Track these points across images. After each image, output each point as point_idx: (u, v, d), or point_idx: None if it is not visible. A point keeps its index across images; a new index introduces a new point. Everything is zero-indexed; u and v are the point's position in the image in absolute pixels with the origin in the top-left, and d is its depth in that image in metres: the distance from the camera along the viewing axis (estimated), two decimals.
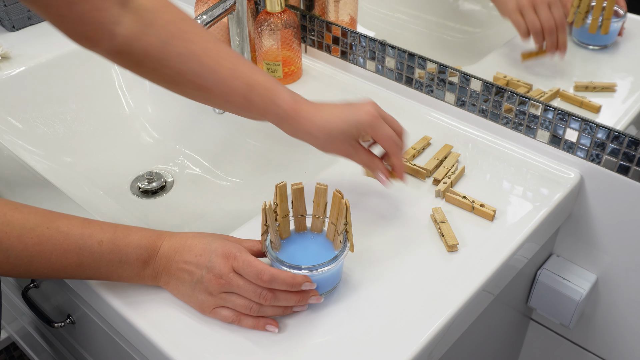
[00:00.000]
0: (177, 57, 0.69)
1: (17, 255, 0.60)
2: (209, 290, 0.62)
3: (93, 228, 0.63)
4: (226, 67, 0.71)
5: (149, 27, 0.68)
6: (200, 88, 0.71)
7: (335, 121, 0.70)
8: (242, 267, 0.61)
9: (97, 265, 0.62)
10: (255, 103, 0.71)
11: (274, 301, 0.62)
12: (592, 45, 0.83)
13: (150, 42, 0.69)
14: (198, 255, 0.63)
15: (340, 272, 0.67)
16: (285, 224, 0.67)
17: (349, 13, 1.01)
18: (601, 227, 0.86)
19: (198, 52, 0.70)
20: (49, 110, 1.06)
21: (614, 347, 0.95)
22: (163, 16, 0.70)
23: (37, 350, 1.25)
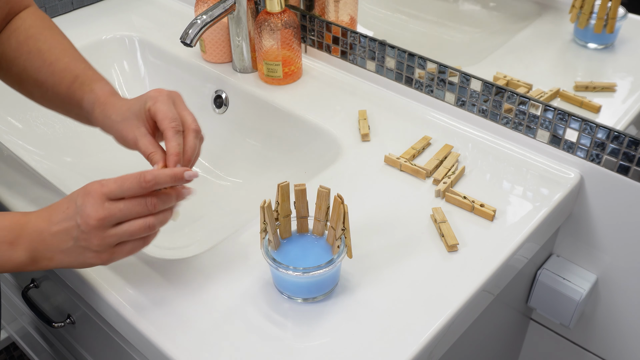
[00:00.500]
0: (25, 54, 0.72)
1: None
2: (94, 235, 0.57)
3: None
4: (63, 61, 0.72)
5: (14, 31, 0.72)
6: (37, 82, 0.72)
7: (130, 101, 0.67)
8: (117, 186, 0.57)
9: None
10: (75, 91, 0.70)
11: (161, 205, 0.58)
12: (594, 44, 0.83)
13: (9, 44, 0.72)
14: (64, 209, 0.58)
15: (338, 275, 0.67)
16: (286, 224, 0.67)
17: (349, 13, 1.01)
18: (601, 227, 0.86)
19: (43, 49, 0.72)
20: (49, 110, 1.06)
21: (614, 347, 0.95)
22: (29, 22, 0.73)
23: (37, 350, 1.25)
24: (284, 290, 0.66)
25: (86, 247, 0.58)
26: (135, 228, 0.58)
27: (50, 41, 0.73)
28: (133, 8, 1.24)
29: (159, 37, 1.14)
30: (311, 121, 0.93)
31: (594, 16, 0.79)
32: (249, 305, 0.65)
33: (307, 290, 0.65)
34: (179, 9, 1.23)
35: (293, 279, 0.64)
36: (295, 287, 0.65)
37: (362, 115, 0.91)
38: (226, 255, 0.71)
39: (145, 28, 1.17)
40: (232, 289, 0.67)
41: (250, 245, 0.72)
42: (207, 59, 1.08)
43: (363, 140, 0.88)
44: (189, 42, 0.90)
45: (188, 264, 0.70)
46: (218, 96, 1.04)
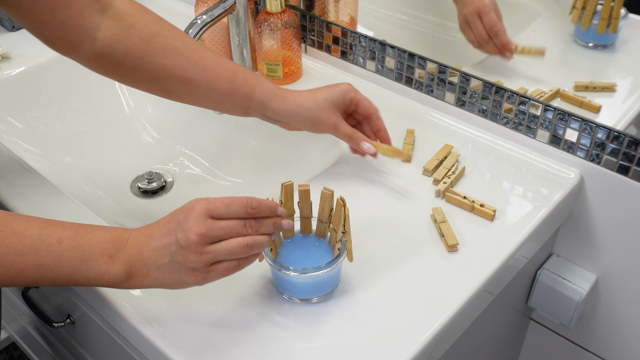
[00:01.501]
0: (160, 52, 0.72)
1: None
2: (192, 251, 0.56)
3: (53, 227, 0.59)
4: (209, 58, 0.74)
5: (130, 28, 0.71)
6: (184, 80, 0.73)
7: (320, 93, 0.76)
8: (223, 206, 0.57)
9: (57, 265, 0.57)
10: (240, 86, 0.74)
11: (259, 228, 0.59)
12: (595, 44, 0.83)
13: (133, 42, 0.71)
14: (166, 223, 0.58)
15: (338, 276, 0.67)
16: None
17: (349, 13, 1.01)
18: (601, 227, 0.86)
19: (180, 47, 0.73)
20: (49, 110, 1.06)
21: (614, 347, 0.95)
22: (142, 17, 0.73)
23: (37, 350, 1.25)
24: (284, 291, 0.66)
25: (182, 264, 0.57)
26: (234, 246, 0.57)
27: (180, 38, 0.74)
28: None
29: None
30: None
31: (596, 16, 0.79)
32: (250, 306, 0.65)
33: (306, 291, 0.65)
34: (179, 9, 1.23)
35: (293, 280, 0.64)
36: (295, 288, 0.65)
37: None
38: None
39: None
40: (233, 289, 0.67)
41: None
42: None
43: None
44: None
45: None
46: None
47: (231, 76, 0.74)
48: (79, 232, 0.59)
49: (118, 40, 0.71)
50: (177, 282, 0.59)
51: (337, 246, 0.64)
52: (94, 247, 0.58)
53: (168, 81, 0.73)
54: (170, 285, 0.59)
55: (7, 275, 0.57)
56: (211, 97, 0.75)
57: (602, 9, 0.78)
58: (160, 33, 0.73)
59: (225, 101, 0.75)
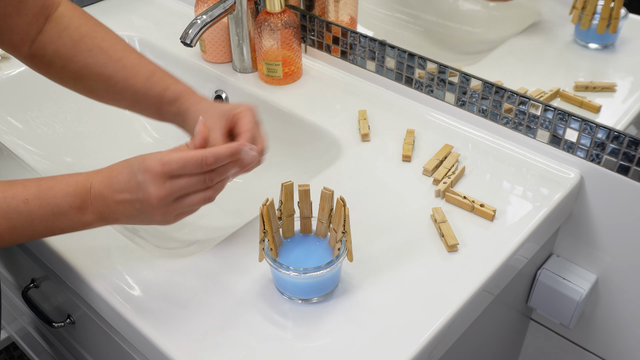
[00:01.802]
0: (86, 52, 0.75)
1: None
2: (156, 210, 0.61)
3: (16, 189, 0.61)
4: (132, 57, 0.77)
5: (64, 30, 0.75)
6: (103, 77, 0.76)
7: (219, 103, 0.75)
8: (179, 167, 0.59)
9: (31, 224, 0.61)
10: (156, 83, 0.76)
11: (218, 177, 0.62)
12: (595, 44, 0.83)
13: (63, 43, 0.75)
14: (126, 181, 0.61)
15: (338, 277, 0.67)
16: (289, 223, 0.67)
17: (349, 13, 1.01)
18: (601, 227, 0.86)
19: (105, 47, 0.76)
20: (49, 110, 1.06)
21: (614, 347, 0.95)
22: (77, 20, 0.76)
23: (37, 350, 1.25)
24: (284, 291, 0.66)
25: (149, 216, 0.62)
26: (196, 201, 0.61)
27: (108, 39, 0.77)
28: (133, 8, 1.24)
29: (159, 37, 1.14)
30: (311, 121, 0.93)
31: (597, 17, 0.79)
32: (250, 306, 0.65)
33: (307, 291, 0.65)
34: (179, 9, 1.23)
35: (293, 280, 0.64)
36: (295, 288, 0.65)
37: (362, 115, 0.91)
38: (227, 255, 0.71)
39: (145, 28, 1.17)
40: (233, 290, 0.67)
41: (251, 246, 0.72)
42: (207, 59, 1.08)
43: (363, 140, 0.88)
44: (189, 42, 0.90)
45: (188, 264, 0.70)
46: (218, 96, 1.04)
47: (149, 74, 0.76)
48: (41, 189, 0.61)
49: (50, 41, 0.75)
50: (147, 224, 0.65)
51: (337, 246, 0.64)
52: (60, 202, 0.61)
53: (89, 79, 0.77)
54: (141, 224, 0.66)
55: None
56: (127, 93, 0.77)
57: (602, 9, 0.78)
58: (89, 34, 0.76)
59: (140, 99, 0.77)
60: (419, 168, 0.83)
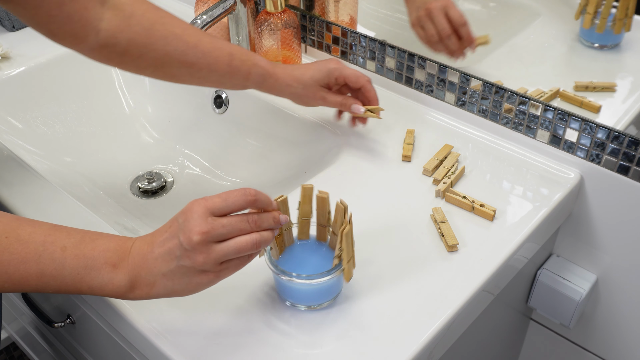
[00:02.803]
0: (162, 39, 0.75)
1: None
2: (198, 252, 0.54)
3: (58, 234, 0.58)
4: (206, 41, 0.78)
5: (130, 18, 0.74)
6: (186, 64, 0.77)
7: (307, 72, 0.83)
8: (221, 200, 0.56)
9: (60, 274, 0.57)
10: (238, 67, 0.79)
11: (262, 223, 0.57)
12: (600, 44, 0.82)
13: (135, 31, 0.74)
14: (167, 229, 0.57)
15: (341, 283, 0.66)
16: (304, 226, 0.66)
17: (349, 13, 1.01)
18: (601, 227, 0.86)
19: (179, 33, 0.76)
20: (49, 110, 1.06)
21: (614, 347, 0.95)
22: (140, 6, 0.75)
23: (37, 350, 1.25)
24: (287, 298, 0.66)
25: (190, 268, 0.55)
26: (242, 244, 0.56)
27: (178, 24, 0.77)
28: None
29: None
30: (311, 121, 0.93)
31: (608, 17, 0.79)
32: (251, 312, 0.65)
33: (309, 298, 0.64)
34: (179, 9, 1.23)
35: (294, 286, 0.63)
36: (298, 294, 0.65)
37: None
38: None
39: None
40: (235, 294, 0.67)
41: None
42: None
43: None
44: None
45: None
46: (218, 96, 1.04)
47: (229, 59, 0.79)
48: (84, 240, 0.58)
49: (120, 30, 0.73)
50: (187, 286, 0.57)
51: (337, 253, 0.63)
52: (97, 256, 0.57)
53: (171, 66, 0.77)
54: (180, 291, 0.57)
55: (10, 282, 0.57)
56: (212, 78, 0.80)
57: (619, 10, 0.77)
58: (158, 20, 0.75)
59: (225, 81, 0.81)
60: (419, 168, 0.83)
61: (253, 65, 0.80)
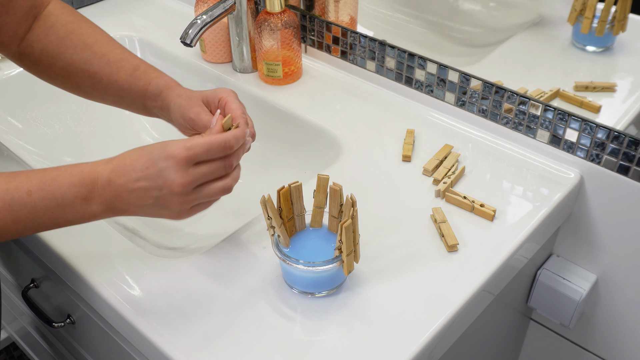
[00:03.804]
0: (72, 49, 0.75)
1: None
2: (176, 199, 0.59)
3: (19, 180, 0.59)
4: (116, 53, 0.76)
5: (51, 28, 0.75)
6: (89, 73, 0.76)
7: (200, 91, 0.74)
8: (204, 151, 0.59)
9: (35, 216, 0.59)
10: (139, 78, 0.76)
11: (235, 161, 0.63)
12: (593, 47, 0.83)
13: (49, 40, 0.75)
14: (144, 168, 0.59)
15: (342, 275, 0.67)
16: (317, 215, 0.68)
17: (349, 13, 1.01)
18: (601, 227, 0.86)
19: (90, 43, 0.76)
20: (49, 110, 1.06)
21: (614, 347, 0.95)
22: (65, 17, 0.76)
23: (37, 350, 1.25)
24: (289, 282, 0.67)
25: (165, 207, 0.60)
26: (216, 190, 0.61)
27: (93, 35, 0.77)
28: (133, 8, 1.24)
29: (159, 37, 1.14)
30: (311, 121, 0.93)
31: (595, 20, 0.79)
32: (252, 303, 0.65)
33: (308, 284, 0.66)
34: (179, 9, 1.23)
35: (295, 272, 0.64)
36: (298, 280, 0.66)
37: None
38: (228, 255, 0.71)
39: (145, 28, 1.17)
40: (234, 289, 0.67)
41: (251, 246, 0.72)
42: (207, 59, 1.08)
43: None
44: (189, 42, 0.90)
45: (189, 264, 0.70)
46: None
47: (132, 69, 0.76)
48: (45, 180, 0.60)
49: (38, 39, 0.75)
50: (157, 217, 0.62)
51: (337, 245, 0.64)
52: (65, 193, 0.59)
53: (76, 75, 0.77)
54: (150, 217, 0.62)
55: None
56: (112, 89, 0.77)
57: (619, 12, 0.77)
58: (76, 31, 0.76)
59: (125, 95, 0.77)
60: (419, 168, 0.83)
61: (157, 77, 0.76)
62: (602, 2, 0.77)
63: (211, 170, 0.60)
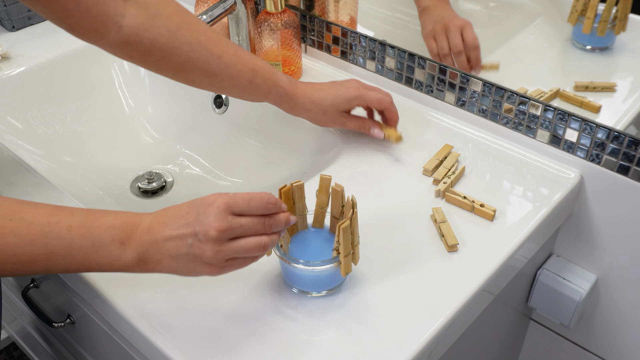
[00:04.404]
0: (186, 45, 0.74)
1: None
2: (210, 246, 0.57)
3: (62, 214, 0.59)
4: (230, 53, 0.77)
5: (155, 18, 0.73)
6: (208, 74, 0.77)
7: (327, 98, 0.82)
8: (245, 202, 0.57)
9: (69, 253, 0.58)
10: (259, 85, 0.79)
11: (275, 227, 0.60)
12: (592, 46, 0.83)
13: (159, 32, 0.73)
14: (184, 214, 0.58)
15: (341, 276, 0.67)
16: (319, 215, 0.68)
17: (349, 13, 1.01)
18: (601, 227, 0.86)
19: (204, 41, 0.75)
20: (49, 110, 1.06)
21: (614, 347, 0.95)
22: (166, 8, 0.74)
23: (37, 350, 1.25)
24: (287, 281, 0.67)
25: (198, 257, 0.57)
26: (251, 245, 0.58)
27: (203, 31, 0.77)
28: None
29: None
30: None
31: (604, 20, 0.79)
32: (251, 302, 0.65)
33: (307, 284, 0.66)
34: None
35: (293, 270, 0.64)
36: (296, 279, 0.66)
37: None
38: None
39: None
40: (236, 287, 0.67)
41: None
42: None
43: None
44: None
45: None
46: (218, 96, 1.04)
47: (251, 75, 0.78)
48: (88, 219, 0.59)
49: (144, 29, 0.72)
50: (189, 272, 0.59)
51: (335, 246, 0.64)
52: (104, 234, 0.58)
53: (193, 73, 0.77)
54: (182, 273, 0.60)
55: (19, 264, 0.57)
56: (232, 91, 0.80)
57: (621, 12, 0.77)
58: (184, 25, 0.75)
59: (245, 95, 0.81)
60: (419, 168, 0.83)
61: (274, 85, 0.80)
62: (603, 3, 0.77)
63: (250, 224, 0.58)
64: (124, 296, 0.66)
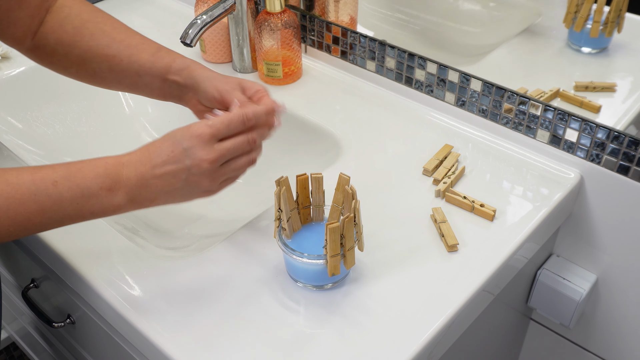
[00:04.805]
0: (88, 36, 0.75)
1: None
2: (206, 177, 0.61)
3: (44, 172, 0.60)
4: (136, 38, 0.76)
5: (65, 18, 0.75)
6: (107, 57, 0.75)
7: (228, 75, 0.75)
8: (224, 126, 0.61)
9: (60, 207, 0.59)
10: (162, 57, 0.75)
11: (259, 139, 0.64)
12: (589, 48, 0.83)
13: (65, 30, 0.75)
14: (169, 152, 0.60)
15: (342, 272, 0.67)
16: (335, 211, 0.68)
17: (349, 13, 1.01)
18: (601, 227, 0.86)
19: (108, 30, 0.76)
20: (49, 110, 1.06)
21: (614, 347, 0.95)
22: (78, 8, 0.76)
23: (37, 350, 1.25)
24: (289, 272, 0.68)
25: (194, 188, 0.61)
26: (241, 164, 0.63)
27: (110, 22, 0.77)
28: (133, 8, 1.24)
29: (159, 37, 1.14)
30: (311, 121, 0.93)
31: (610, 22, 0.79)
32: (252, 299, 0.65)
33: (306, 276, 0.66)
34: (179, 9, 1.23)
35: (292, 262, 0.65)
36: (294, 271, 0.66)
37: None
38: (228, 254, 0.71)
39: (145, 28, 1.17)
40: (235, 287, 0.67)
41: (251, 244, 0.72)
42: (207, 59, 1.08)
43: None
44: (189, 42, 0.90)
45: (189, 263, 0.70)
46: None
47: (155, 50, 0.75)
48: (71, 171, 0.60)
49: (52, 31, 0.75)
50: (186, 200, 0.63)
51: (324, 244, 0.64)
52: (90, 184, 0.60)
53: (93, 61, 0.76)
54: (178, 202, 0.63)
55: (15, 226, 0.58)
56: (132, 70, 0.75)
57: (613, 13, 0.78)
58: (91, 20, 0.76)
59: (144, 73, 0.75)
60: (419, 168, 0.83)
61: (180, 56, 0.76)
62: (607, 5, 0.77)
63: (236, 145, 0.61)
64: (124, 296, 0.66)
